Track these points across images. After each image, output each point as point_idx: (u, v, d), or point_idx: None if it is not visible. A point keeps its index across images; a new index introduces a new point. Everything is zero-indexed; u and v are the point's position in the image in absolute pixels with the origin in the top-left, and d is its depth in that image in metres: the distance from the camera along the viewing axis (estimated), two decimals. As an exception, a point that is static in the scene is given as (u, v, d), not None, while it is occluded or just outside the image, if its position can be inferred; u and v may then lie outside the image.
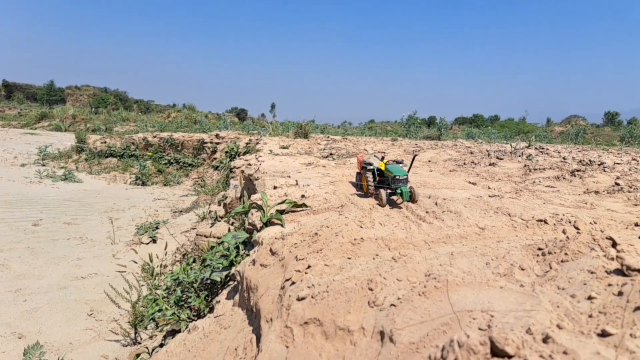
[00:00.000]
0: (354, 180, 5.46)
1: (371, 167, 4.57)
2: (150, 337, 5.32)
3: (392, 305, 2.10)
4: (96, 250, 8.14)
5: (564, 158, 9.46)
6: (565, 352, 1.45)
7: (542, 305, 1.87)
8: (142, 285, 6.41)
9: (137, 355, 4.36)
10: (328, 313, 2.21)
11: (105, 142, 20.76)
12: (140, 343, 5.25)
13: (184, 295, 4.21)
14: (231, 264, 4.07)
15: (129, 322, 5.48)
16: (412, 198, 4.11)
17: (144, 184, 16.91)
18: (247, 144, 15.27)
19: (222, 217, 8.61)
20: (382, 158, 4.83)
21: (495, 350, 1.49)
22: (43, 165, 17.68)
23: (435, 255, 2.47)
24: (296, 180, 4.94)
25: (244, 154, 13.76)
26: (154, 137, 21.02)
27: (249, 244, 4.21)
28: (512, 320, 1.79)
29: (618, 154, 11.31)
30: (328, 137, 15.25)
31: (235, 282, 3.64)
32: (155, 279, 6.57)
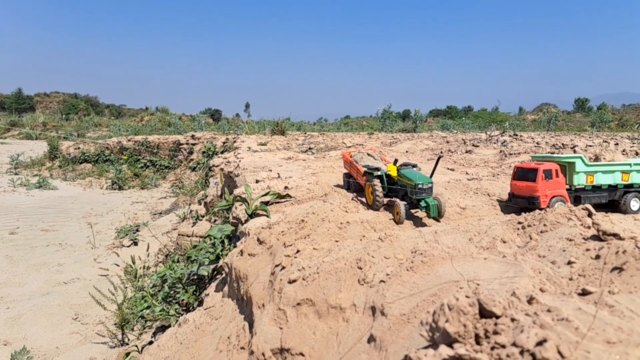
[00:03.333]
0: (336, 172, 5.41)
1: (379, 173, 3.60)
2: (138, 338, 5.29)
3: (381, 281, 2.16)
4: (77, 255, 8.03)
5: (537, 143, 9.71)
6: (549, 310, 1.53)
7: (525, 272, 1.96)
8: (127, 287, 6.36)
9: (127, 354, 4.35)
10: (320, 293, 2.27)
11: (78, 148, 20.39)
12: (127, 344, 5.22)
13: (172, 292, 4.21)
14: (218, 258, 4.09)
15: (115, 324, 5.44)
16: (440, 213, 3.12)
17: (120, 188, 16.69)
18: (224, 142, 15.21)
19: (203, 216, 8.58)
20: (395, 162, 3.77)
21: (483, 312, 1.56)
22: (16, 174, 17.29)
23: (420, 234, 2.54)
24: (278, 174, 4.98)
25: (222, 152, 13.70)
26: (129, 140, 20.72)
27: (234, 237, 4.23)
28: (497, 286, 1.87)
29: (589, 137, 11.65)
30: (305, 133, 15.29)
31: (224, 275, 3.66)
32: (138, 280, 6.53)
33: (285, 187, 4.24)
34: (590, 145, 8.06)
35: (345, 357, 1.98)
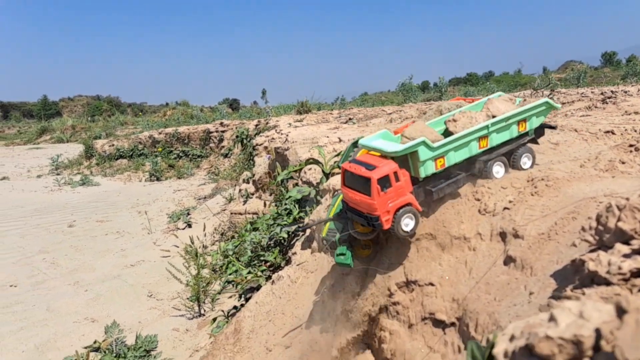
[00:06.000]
0: None
1: None
2: (212, 309, 5.45)
3: (505, 208, 2.17)
4: (136, 241, 8.27)
5: (582, 94, 9.47)
6: None
7: (660, 183, 1.94)
8: (189, 267, 6.52)
9: (214, 320, 4.48)
10: (440, 226, 2.29)
11: (113, 145, 20.79)
12: (203, 315, 5.38)
13: (254, 255, 4.31)
14: (295, 220, 4.15)
15: (188, 298, 5.61)
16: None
17: (158, 179, 17.00)
18: (256, 125, 15.25)
19: (252, 194, 8.69)
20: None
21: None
22: (58, 174, 17.75)
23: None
24: (339, 138, 5.00)
25: (256, 135, 13.77)
26: (160, 133, 21.02)
27: (309, 200, 4.28)
28: None
29: (632, 85, 11.31)
30: (340, 109, 15.24)
31: (307, 233, 3.72)
32: (199, 258, 6.68)
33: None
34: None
35: (482, 280, 2.00)
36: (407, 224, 2.19)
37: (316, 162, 3.91)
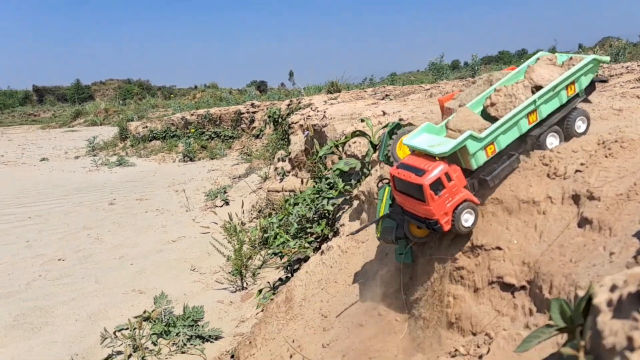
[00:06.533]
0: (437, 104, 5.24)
1: None
2: (254, 282, 5.54)
3: (577, 171, 2.10)
4: (175, 218, 8.43)
5: (627, 67, 9.10)
6: None
7: None
8: (231, 242, 6.62)
9: (260, 291, 4.55)
10: (507, 191, 2.24)
11: (146, 127, 21.14)
12: (246, 288, 5.46)
13: (299, 227, 4.34)
14: (340, 193, 4.14)
15: (230, 272, 5.70)
16: None
17: (191, 160, 17.25)
18: (288, 105, 15.25)
19: (289, 172, 8.73)
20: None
21: None
22: (94, 155, 18.19)
23: (596, 130, 2.43)
24: (383, 111, 4.94)
25: (289, 115, 13.78)
26: (192, 115, 21.23)
27: (354, 174, 4.26)
28: None
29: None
30: (365, 89, 15.08)
31: (357, 204, 3.71)
32: (238, 234, 6.75)
33: (400, 119, 4.20)
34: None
35: (554, 243, 1.95)
36: (466, 219, 2.14)
37: (363, 134, 3.88)
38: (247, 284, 5.51)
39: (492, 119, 2.29)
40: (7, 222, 8.80)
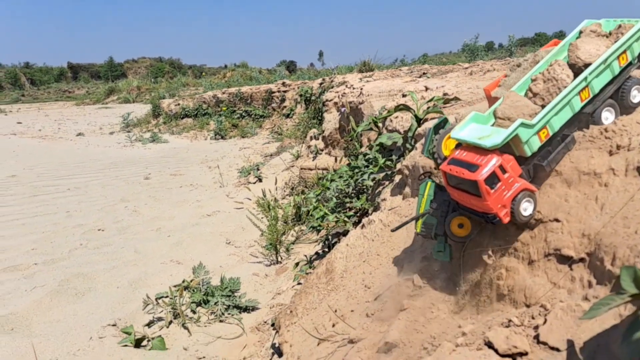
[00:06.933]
0: (486, 79, 5.12)
1: None
2: (288, 257, 5.59)
3: (642, 141, 2.02)
4: (209, 193, 8.56)
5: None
6: None
7: None
8: (266, 216, 6.68)
9: (296, 264, 4.59)
10: (566, 162, 2.17)
11: (178, 104, 21.40)
12: (280, 263, 5.52)
13: (338, 202, 4.34)
14: (380, 169, 4.11)
15: (264, 246, 5.76)
16: None
17: (223, 137, 17.41)
18: (320, 84, 15.19)
19: (322, 150, 8.72)
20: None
21: None
22: (128, 132, 18.55)
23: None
24: (425, 86, 4.84)
25: (321, 94, 13.72)
26: (223, 93, 21.39)
27: (395, 149, 4.21)
28: None
29: None
30: (400, 68, 14.85)
31: (399, 178, 3.67)
32: (272, 210, 6.80)
33: (444, 94, 4.12)
34: None
35: (618, 215, 1.89)
36: (525, 208, 2.05)
37: (407, 108, 3.82)
38: (281, 258, 5.57)
39: None
40: (47, 193, 9.09)
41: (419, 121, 3.75)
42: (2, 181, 10.39)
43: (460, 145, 2.25)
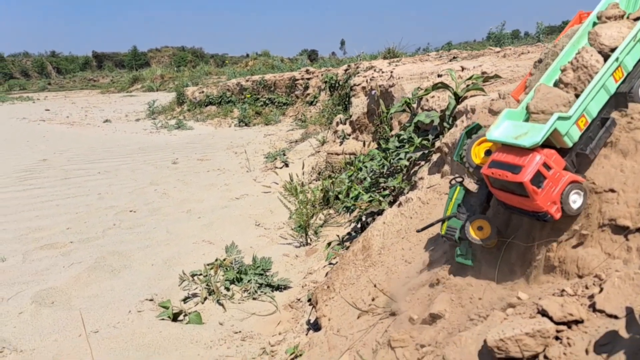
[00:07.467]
0: (521, 59, 4.98)
1: None
2: (317, 239, 5.61)
3: (703, 110, 1.95)
4: (237, 177, 8.63)
5: None
6: None
7: None
8: (291, 200, 6.71)
9: (328, 244, 4.60)
10: (623, 133, 2.12)
11: (202, 92, 21.54)
12: (309, 244, 5.54)
13: (373, 182, 4.33)
14: (416, 148, 4.08)
15: (293, 228, 5.79)
16: None
17: (247, 124, 17.49)
18: (345, 70, 15.10)
19: (349, 135, 8.69)
20: None
21: None
22: (154, 118, 18.78)
23: None
24: (462, 66, 4.77)
25: (346, 80, 13.65)
26: (247, 81, 21.42)
27: (432, 129, 4.16)
28: None
29: None
30: (428, 53, 14.67)
31: (437, 157, 3.64)
32: (299, 194, 6.81)
33: (483, 73, 4.05)
34: None
35: (679, 184, 1.84)
36: (574, 200, 1.99)
37: (445, 86, 3.77)
38: (310, 240, 5.59)
39: None
40: (79, 177, 9.28)
41: (458, 99, 3.70)
42: (34, 165, 10.65)
43: (489, 151, 2.23)
